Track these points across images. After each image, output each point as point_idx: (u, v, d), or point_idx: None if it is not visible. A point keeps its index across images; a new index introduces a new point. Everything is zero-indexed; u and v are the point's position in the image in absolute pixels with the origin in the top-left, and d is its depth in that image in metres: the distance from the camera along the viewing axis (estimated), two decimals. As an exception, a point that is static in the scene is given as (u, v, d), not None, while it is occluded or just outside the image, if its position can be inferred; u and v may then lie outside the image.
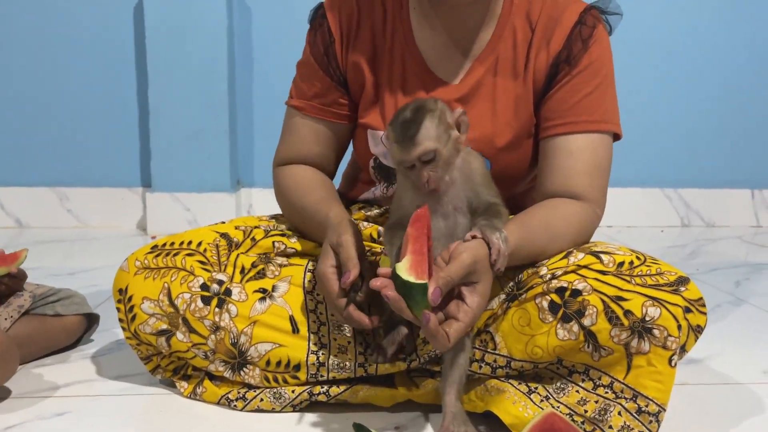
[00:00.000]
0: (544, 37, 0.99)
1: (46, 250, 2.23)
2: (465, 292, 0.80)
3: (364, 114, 1.07)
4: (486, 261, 0.80)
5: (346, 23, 1.05)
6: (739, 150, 2.75)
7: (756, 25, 2.67)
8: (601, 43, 1.00)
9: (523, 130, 1.01)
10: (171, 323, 0.99)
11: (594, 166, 0.98)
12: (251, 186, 2.65)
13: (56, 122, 2.56)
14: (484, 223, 0.82)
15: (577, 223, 0.95)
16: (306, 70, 1.09)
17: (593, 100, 0.98)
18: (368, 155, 1.08)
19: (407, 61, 1.03)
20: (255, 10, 2.57)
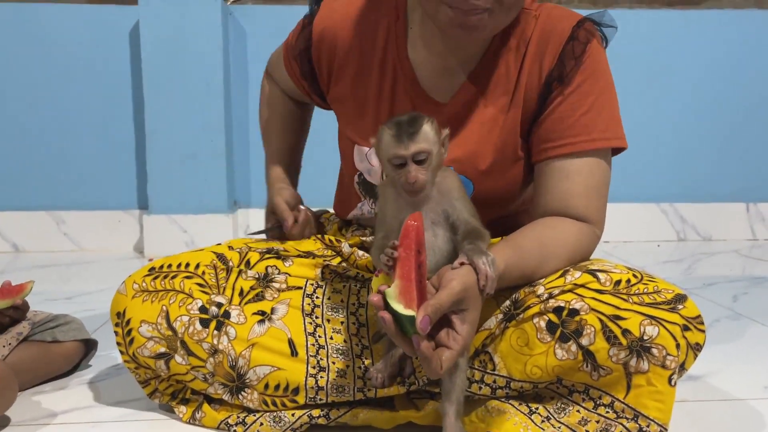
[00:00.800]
0: (537, 53, 0.97)
1: (43, 274, 2.23)
2: (455, 320, 0.79)
3: (347, 127, 1.07)
4: (475, 288, 0.79)
5: (327, 64, 1.05)
6: (733, 164, 2.76)
7: (750, 40, 2.70)
8: (595, 58, 0.96)
9: (508, 153, 0.99)
10: (169, 346, 0.98)
11: (591, 187, 0.96)
12: (248, 206, 2.66)
13: (52, 146, 2.56)
14: (469, 248, 0.82)
15: (572, 243, 0.94)
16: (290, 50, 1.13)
17: (590, 118, 0.95)
18: (353, 170, 1.08)
19: (398, 76, 1.01)
20: (250, 32, 2.59)
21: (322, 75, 1.08)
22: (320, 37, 1.05)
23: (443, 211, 0.87)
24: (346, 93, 1.05)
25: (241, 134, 2.61)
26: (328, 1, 1.07)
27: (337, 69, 1.05)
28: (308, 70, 1.09)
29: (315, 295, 1.06)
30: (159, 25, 2.41)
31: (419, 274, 0.77)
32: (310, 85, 1.12)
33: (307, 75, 1.10)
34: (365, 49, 1.03)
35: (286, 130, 1.27)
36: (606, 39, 1.00)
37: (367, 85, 1.03)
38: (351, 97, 1.05)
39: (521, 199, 1.07)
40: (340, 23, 1.04)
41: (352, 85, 1.04)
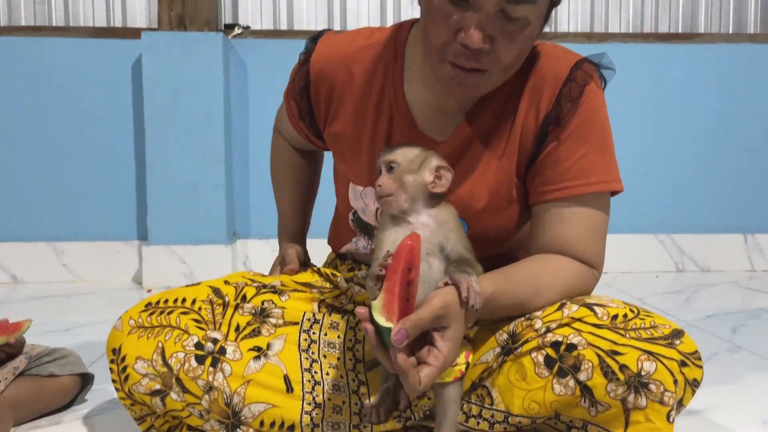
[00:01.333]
0: (534, 95, 0.96)
1: (41, 305, 2.22)
2: (436, 337, 0.80)
3: (343, 165, 1.08)
4: (456, 306, 0.80)
5: (325, 101, 1.06)
6: (731, 195, 2.78)
7: (744, 74, 2.73)
8: (593, 101, 0.95)
9: (503, 194, 0.99)
10: (164, 383, 0.97)
11: (589, 231, 0.95)
12: (247, 237, 2.66)
13: (53, 177, 2.58)
14: (453, 269, 0.83)
15: (568, 279, 0.94)
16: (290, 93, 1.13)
17: (588, 161, 0.95)
18: (348, 207, 1.09)
19: (394, 116, 1.01)
20: (251, 65, 2.62)
21: (320, 113, 1.08)
22: (318, 75, 1.06)
23: (438, 243, 0.88)
24: (342, 131, 1.06)
25: (241, 166, 2.63)
26: (325, 38, 1.08)
27: (335, 107, 1.06)
28: (307, 108, 1.09)
29: (311, 330, 1.06)
30: (161, 58, 2.44)
31: (407, 292, 0.78)
32: (309, 125, 1.11)
33: (305, 114, 1.10)
34: (362, 88, 1.03)
35: (296, 184, 1.29)
36: (605, 81, 1.00)
37: (364, 125, 1.03)
38: (347, 136, 1.05)
39: (516, 237, 1.07)
40: (337, 62, 1.04)
41: (348, 123, 1.04)
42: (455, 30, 0.85)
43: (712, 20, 2.83)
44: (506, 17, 0.84)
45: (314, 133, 1.12)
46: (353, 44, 1.05)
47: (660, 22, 2.82)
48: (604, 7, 2.81)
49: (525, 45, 0.88)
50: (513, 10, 0.83)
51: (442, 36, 0.86)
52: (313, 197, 1.33)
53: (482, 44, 0.84)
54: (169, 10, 2.47)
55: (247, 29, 2.64)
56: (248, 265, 2.65)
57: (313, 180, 1.32)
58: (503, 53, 0.86)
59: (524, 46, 0.88)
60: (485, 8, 0.83)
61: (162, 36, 2.45)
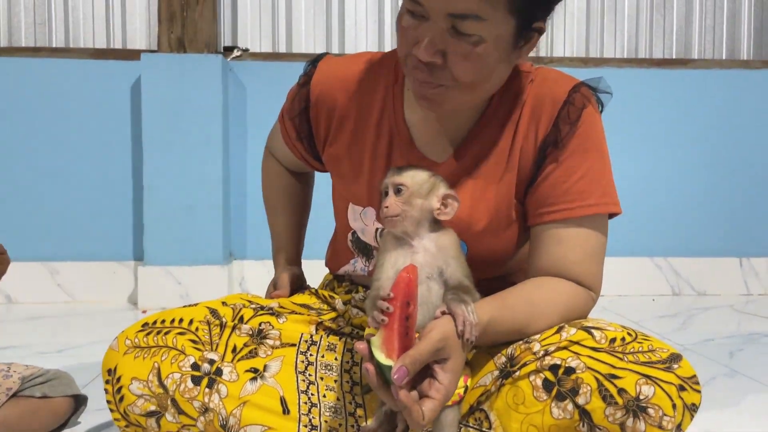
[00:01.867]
0: (532, 117, 0.96)
1: (35, 326, 2.21)
2: (437, 369, 0.79)
3: (342, 187, 1.08)
4: (455, 337, 0.80)
5: (325, 123, 1.06)
6: (726, 219, 2.79)
7: (737, 99, 2.77)
8: (591, 124, 0.96)
9: (502, 216, 0.99)
10: (160, 404, 0.96)
11: (587, 253, 0.95)
12: (243, 258, 2.66)
13: (50, 196, 2.58)
14: (450, 297, 0.83)
15: (565, 302, 0.93)
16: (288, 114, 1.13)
17: (586, 183, 0.95)
18: (347, 228, 1.09)
19: (394, 137, 1.01)
20: (250, 87, 2.64)
21: (319, 135, 1.08)
22: (318, 97, 1.06)
23: (438, 267, 0.88)
24: (342, 153, 1.06)
25: (238, 187, 2.63)
26: (325, 61, 1.09)
27: (335, 129, 1.06)
28: (306, 130, 1.09)
29: (309, 352, 1.06)
30: (160, 80, 2.46)
31: (406, 326, 0.77)
32: (306, 147, 1.12)
33: (303, 137, 1.10)
34: (362, 111, 1.04)
35: (290, 206, 1.28)
36: (602, 104, 1.00)
37: (363, 146, 1.03)
38: (347, 157, 1.05)
39: (515, 259, 1.07)
40: (337, 84, 1.05)
41: (348, 145, 1.05)
42: (413, 42, 0.88)
43: (705, 46, 2.87)
44: (458, 33, 0.85)
45: (312, 155, 1.13)
46: (354, 67, 1.06)
47: (654, 47, 2.86)
48: (600, 32, 2.84)
49: (482, 63, 0.87)
50: (462, 26, 0.84)
51: (403, 48, 0.90)
52: (306, 219, 1.32)
53: (431, 58, 0.85)
54: (168, 32, 2.49)
55: (246, 51, 2.66)
56: (244, 286, 2.64)
57: (306, 201, 1.32)
58: (457, 70, 0.87)
59: (482, 65, 0.87)
60: (437, 24, 0.85)
61: (161, 58, 2.47)
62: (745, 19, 2.87)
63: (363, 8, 2.76)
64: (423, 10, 0.85)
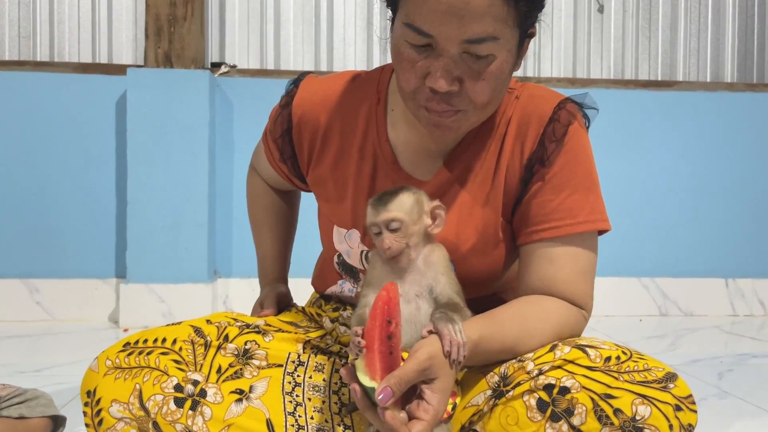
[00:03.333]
0: (518, 135, 0.96)
1: (12, 345, 2.15)
2: (425, 390, 0.78)
3: (327, 209, 1.06)
4: (441, 358, 0.79)
5: (308, 145, 1.05)
6: (712, 239, 2.81)
7: (721, 120, 2.80)
8: (577, 140, 0.95)
9: (489, 235, 0.98)
10: (140, 428, 0.93)
11: (577, 272, 0.94)
12: (228, 276, 2.62)
13: (31, 212, 2.54)
14: (437, 317, 0.82)
15: (556, 320, 0.92)
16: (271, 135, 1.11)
17: (574, 201, 0.94)
18: (333, 250, 1.07)
19: (378, 158, 1.00)
20: (237, 103, 2.63)
21: (303, 156, 1.07)
22: (300, 118, 1.05)
23: (428, 285, 0.86)
24: (326, 175, 1.04)
25: (224, 204, 2.60)
26: (307, 82, 1.07)
27: (318, 151, 1.05)
28: (289, 151, 1.08)
29: (296, 373, 1.03)
30: (146, 95, 2.44)
31: (389, 345, 0.76)
32: (290, 168, 1.10)
33: (287, 158, 1.09)
34: (345, 132, 1.02)
35: (275, 224, 1.26)
36: (588, 120, 0.99)
37: (347, 168, 1.02)
38: (331, 179, 1.04)
39: (505, 278, 1.06)
40: (320, 105, 1.04)
41: (332, 167, 1.03)
42: (423, 75, 0.85)
43: (690, 69, 2.90)
44: (471, 57, 0.84)
45: (296, 176, 1.11)
46: (336, 87, 1.04)
47: (640, 69, 2.89)
48: (587, 54, 2.87)
49: (497, 81, 0.87)
50: (477, 50, 0.83)
51: (412, 82, 0.87)
52: (292, 237, 1.30)
53: (449, 87, 0.84)
54: (155, 47, 2.48)
55: (234, 68, 2.65)
56: (229, 304, 2.60)
57: (292, 219, 1.30)
58: (475, 92, 0.86)
59: (497, 83, 0.87)
60: (448, 52, 0.83)
61: (148, 73, 2.45)
62: (729, 42, 2.92)
63: (351, 25, 2.76)
64: (431, 41, 0.83)
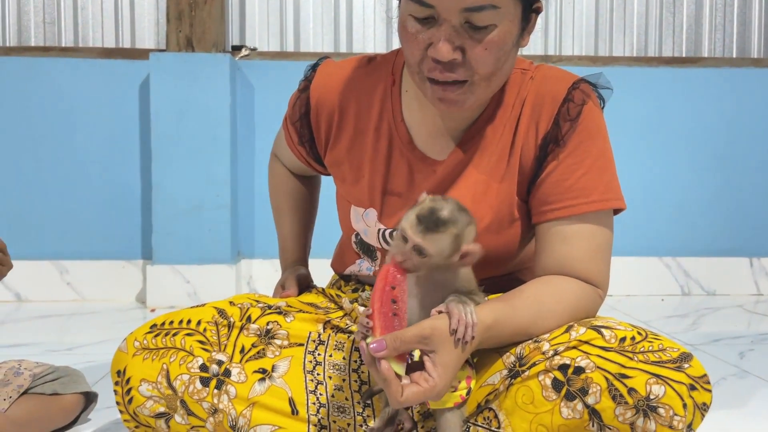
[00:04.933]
0: (533, 115, 0.97)
1: (44, 324, 2.22)
2: (427, 362, 0.81)
3: (344, 189, 1.08)
4: (445, 331, 0.81)
5: (326, 127, 1.07)
6: (736, 218, 2.77)
7: (748, 97, 2.75)
8: (592, 120, 0.96)
9: (504, 213, 0.99)
10: (169, 406, 0.97)
11: (592, 250, 0.95)
12: (251, 257, 2.66)
13: (59, 195, 2.59)
14: (451, 299, 0.84)
15: (572, 300, 0.93)
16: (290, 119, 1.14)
17: (589, 180, 0.95)
18: (351, 230, 1.09)
19: (394, 138, 1.02)
20: (258, 86, 2.65)
21: (320, 139, 1.09)
22: (317, 101, 1.07)
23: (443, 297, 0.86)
24: (342, 156, 1.06)
25: (246, 186, 2.64)
26: (324, 66, 1.09)
27: (335, 133, 1.07)
28: (307, 134, 1.10)
29: (317, 352, 1.06)
30: (169, 79, 2.47)
31: (391, 308, 0.80)
32: (309, 151, 1.12)
33: (305, 141, 1.11)
34: (361, 113, 1.04)
35: (296, 209, 1.29)
36: (603, 100, 1.00)
37: (363, 148, 1.04)
38: (347, 160, 1.06)
39: (520, 257, 1.07)
40: (336, 87, 1.06)
41: (348, 148, 1.05)
42: (426, 46, 0.88)
43: (715, 44, 2.85)
44: (472, 27, 0.86)
45: (314, 159, 1.13)
46: (352, 70, 1.06)
47: (664, 45, 2.84)
48: (609, 31, 2.83)
49: (500, 51, 0.88)
50: (477, 19, 0.85)
51: (416, 54, 0.89)
52: (312, 221, 1.33)
53: (451, 56, 0.86)
54: (177, 31, 2.50)
55: (254, 51, 2.66)
56: (252, 285, 2.64)
57: (313, 204, 1.32)
58: (477, 62, 0.87)
59: (500, 53, 0.88)
60: (450, 21, 0.85)
61: (170, 57, 2.48)
62: (756, 17, 2.85)
63: (371, 7, 2.75)
64: (433, 12, 0.85)
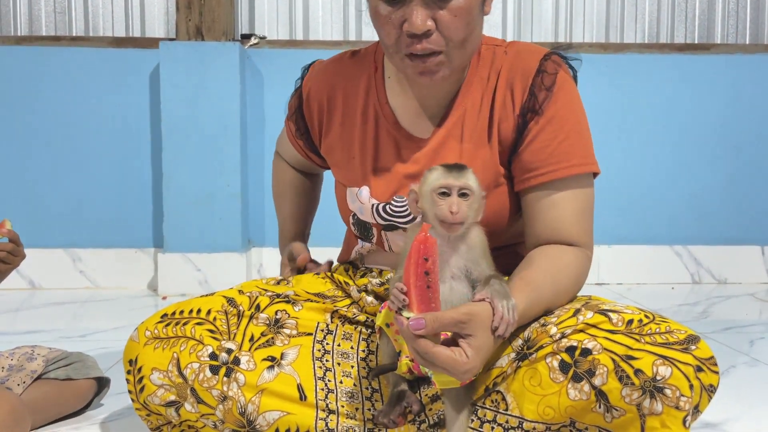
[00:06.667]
0: (507, 87, 1.01)
1: (58, 311, 2.25)
2: (462, 343, 0.81)
3: (339, 173, 1.13)
4: (484, 320, 0.82)
5: (317, 116, 1.13)
6: (747, 206, 2.75)
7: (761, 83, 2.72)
8: (565, 87, 1.01)
9: (491, 180, 1.02)
10: (179, 394, 0.98)
11: (578, 212, 0.99)
12: (262, 245, 2.68)
13: (71, 184, 2.61)
14: (497, 288, 0.84)
15: (576, 274, 0.97)
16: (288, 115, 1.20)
17: (569, 145, 0.99)
18: (347, 211, 1.12)
19: (380, 119, 1.07)
20: (267, 75, 2.65)
21: (314, 129, 1.15)
22: (308, 94, 1.14)
23: (465, 266, 0.90)
24: (334, 142, 1.11)
25: (256, 175, 2.65)
26: (315, 65, 1.17)
27: (326, 122, 1.12)
28: (303, 126, 1.16)
29: (325, 341, 1.07)
30: (179, 68, 2.47)
31: (426, 280, 0.80)
32: (306, 142, 1.18)
33: (302, 133, 1.17)
34: (348, 99, 1.10)
35: (296, 198, 1.33)
36: (574, 70, 1.05)
37: (352, 131, 1.09)
38: (339, 145, 1.11)
39: (514, 230, 1.08)
40: (324, 80, 1.12)
41: (339, 133, 1.10)
42: (399, 24, 0.93)
43: (728, 30, 2.82)
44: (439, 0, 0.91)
45: (311, 150, 1.19)
46: (338, 63, 1.14)
47: (676, 32, 2.82)
48: (620, 18, 2.80)
49: (469, 16, 0.94)
50: None
51: (392, 33, 0.95)
52: (313, 211, 1.37)
53: (425, 26, 0.91)
54: (186, 20, 2.50)
55: (264, 39, 2.67)
56: (262, 272, 2.66)
57: (313, 195, 1.37)
58: (450, 29, 0.93)
59: (469, 17, 0.94)
60: None
61: (179, 46, 2.49)
62: (769, 2, 2.82)
63: (380, -5, 2.74)
64: None
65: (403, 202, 1.04)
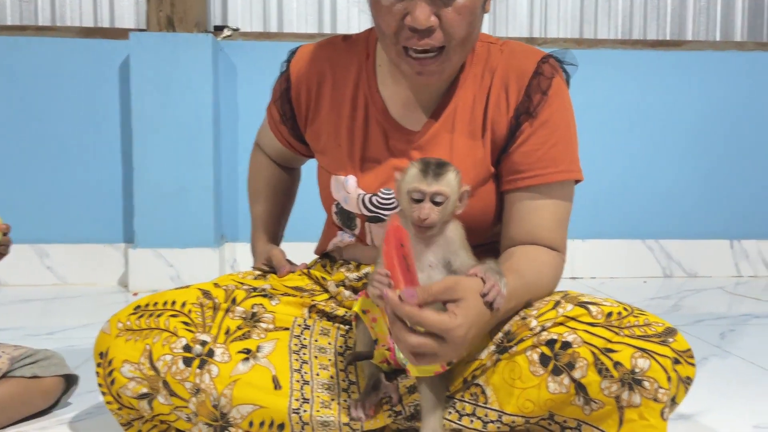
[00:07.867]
0: (502, 85, 1.01)
1: (24, 308, 2.19)
2: (449, 306, 0.80)
3: (324, 160, 1.10)
4: (473, 285, 0.82)
5: (305, 101, 1.11)
6: (717, 201, 2.80)
7: (730, 81, 2.76)
8: (560, 93, 1.01)
9: (480, 178, 1.02)
10: (151, 386, 0.95)
11: (558, 219, 1.01)
12: (235, 241, 2.64)
13: (38, 178, 2.55)
14: (490, 266, 0.85)
15: (554, 274, 0.99)
16: (272, 99, 1.17)
17: (558, 151, 1.00)
18: (330, 199, 1.10)
19: (370, 108, 1.06)
20: (240, 67, 2.61)
21: (301, 114, 1.12)
22: (297, 77, 1.11)
23: (444, 258, 0.90)
24: (321, 127, 1.10)
25: (229, 169, 2.61)
26: (302, 48, 1.14)
27: (314, 106, 1.10)
28: (289, 111, 1.14)
29: (302, 336, 1.06)
30: (149, 59, 2.42)
31: (405, 264, 0.81)
32: (290, 129, 1.16)
33: (287, 118, 1.15)
34: (338, 85, 1.08)
35: (272, 195, 1.30)
36: (568, 75, 1.05)
37: (341, 118, 1.07)
38: (326, 131, 1.09)
39: (497, 228, 1.08)
40: (314, 63, 1.10)
41: (326, 119, 1.09)
42: (401, 16, 0.92)
43: (699, 27, 2.86)
44: None
45: (295, 137, 1.16)
46: (328, 47, 1.11)
47: (648, 28, 2.85)
48: (594, 14, 2.83)
49: (472, 15, 0.93)
50: None
51: (392, 24, 0.93)
52: (288, 208, 1.35)
53: (429, 22, 0.90)
54: (157, 10, 2.45)
55: (237, 31, 2.63)
56: (236, 268, 2.63)
57: (290, 192, 1.34)
58: (453, 26, 0.92)
59: (471, 16, 0.93)
60: None
61: (150, 37, 2.44)
62: (740, 0, 2.86)
63: (355, -12, 2.72)
64: None
65: (390, 195, 1.03)
